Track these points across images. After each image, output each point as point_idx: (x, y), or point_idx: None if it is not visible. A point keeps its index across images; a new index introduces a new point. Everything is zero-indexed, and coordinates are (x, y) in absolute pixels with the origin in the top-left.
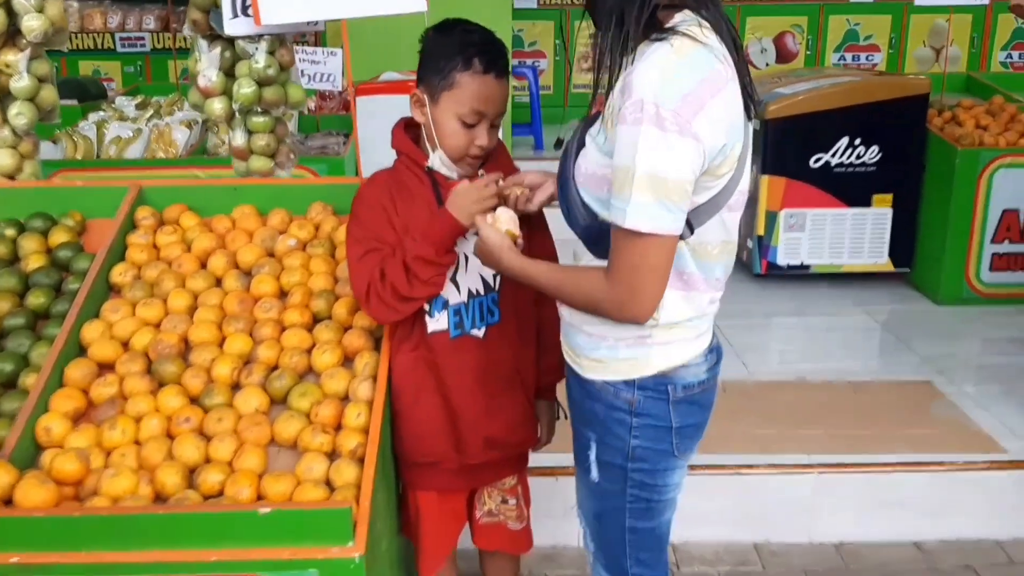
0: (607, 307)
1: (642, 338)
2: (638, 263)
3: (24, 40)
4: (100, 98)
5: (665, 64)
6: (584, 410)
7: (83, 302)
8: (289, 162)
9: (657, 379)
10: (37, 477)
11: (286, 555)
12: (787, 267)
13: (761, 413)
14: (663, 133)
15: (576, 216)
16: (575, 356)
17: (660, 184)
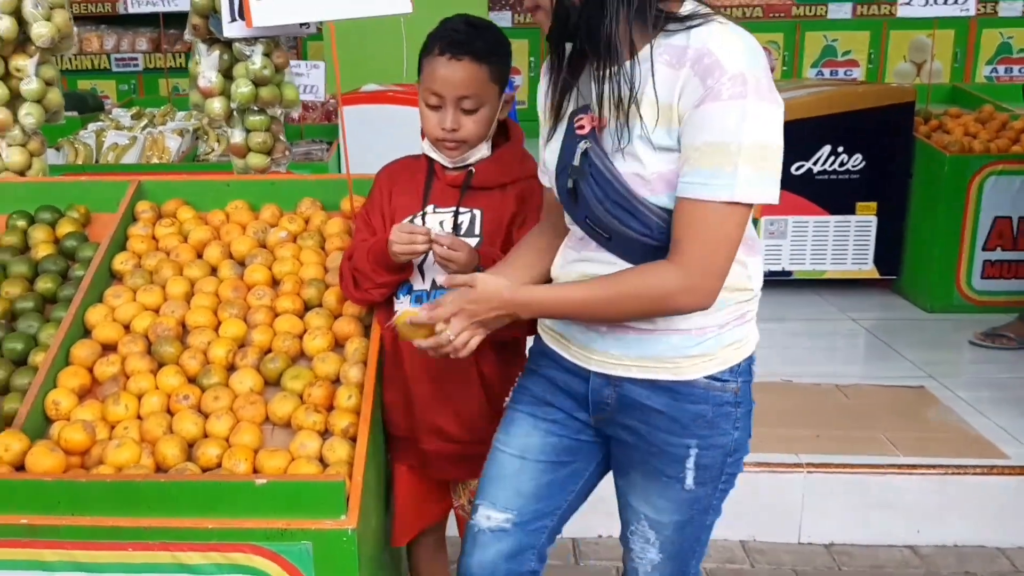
0: (675, 297)
1: (743, 316)
2: (720, 238)
3: (33, 46)
4: (98, 110)
5: (740, 37)
6: (682, 420)
7: (87, 287)
8: (285, 158)
9: (750, 358)
10: (47, 445)
11: (281, 525)
12: (767, 273)
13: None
14: (765, 104)
15: (657, 224)
16: (666, 361)
17: (768, 154)
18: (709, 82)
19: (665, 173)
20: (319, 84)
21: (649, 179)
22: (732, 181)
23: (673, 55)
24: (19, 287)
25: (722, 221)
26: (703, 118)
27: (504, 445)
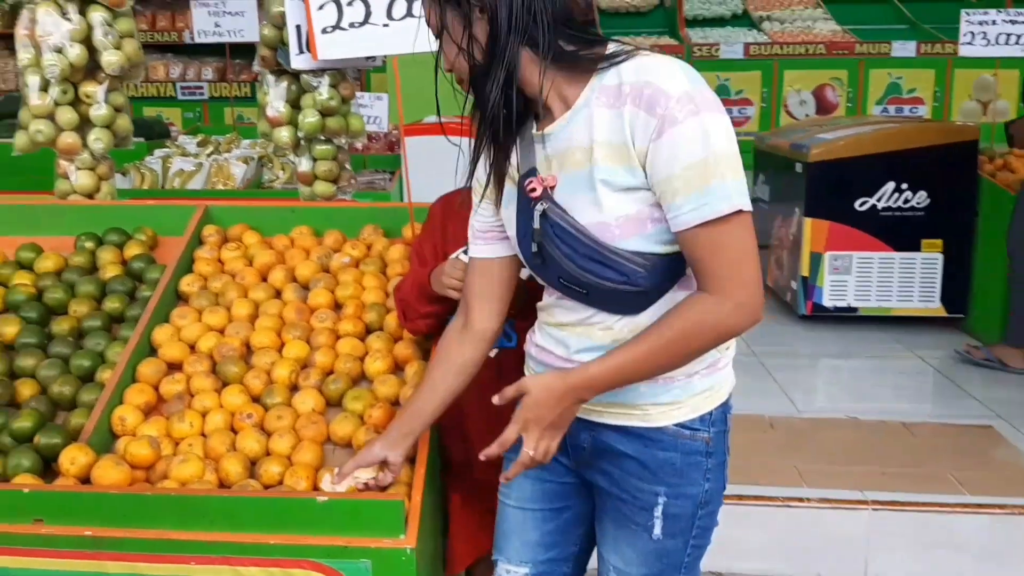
0: (729, 322)
1: (714, 364)
2: (747, 246)
3: (103, 73)
4: (164, 137)
5: (670, 61)
6: (651, 464)
7: (154, 308)
8: (351, 186)
9: (723, 407)
10: (113, 460)
11: (341, 543)
12: (833, 309)
13: (810, 449)
14: (717, 115)
15: (633, 271)
16: (632, 408)
17: (737, 161)
18: (658, 111)
19: (632, 215)
20: (382, 115)
21: (614, 224)
22: (727, 192)
23: (609, 95)
24: (87, 306)
25: (735, 234)
26: (670, 146)
27: (506, 497)
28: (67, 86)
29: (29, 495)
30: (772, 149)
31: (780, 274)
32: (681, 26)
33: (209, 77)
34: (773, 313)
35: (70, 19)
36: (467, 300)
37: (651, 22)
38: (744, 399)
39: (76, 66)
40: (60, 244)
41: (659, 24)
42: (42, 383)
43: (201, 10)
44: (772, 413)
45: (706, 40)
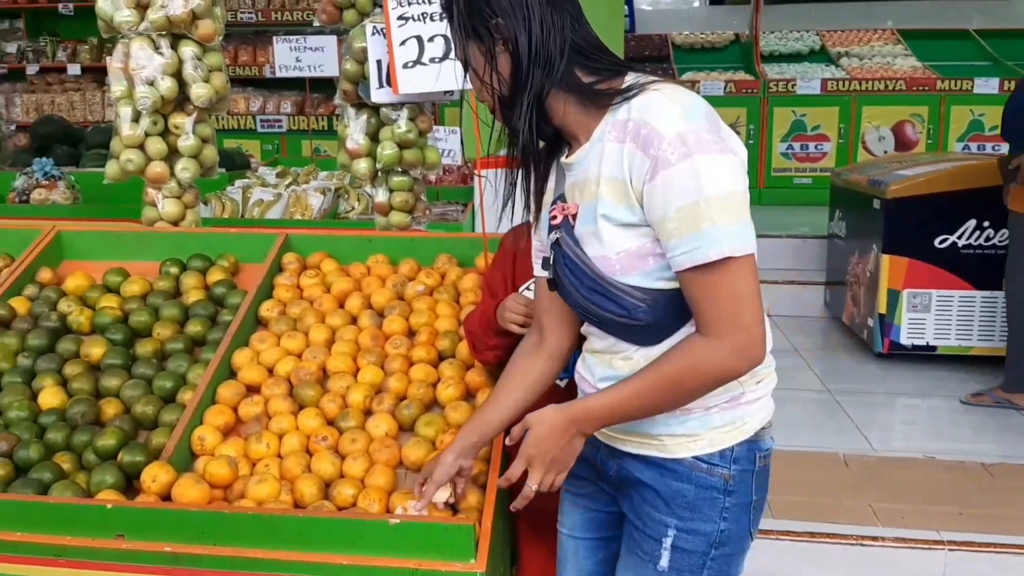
0: (726, 365)
1: (736, 398)
2: (741, 291)
3: (191, 105)
4: (245, 168)
5: (673, 100)
6: (664, 493)
7: (235, 332)
8: (425, 217)
9: (750, 445)
10: (192, 478)
11: (412, 565)
12: (911, 347)
13: (885, 488)
14: (713, 156)
15: (633, 304)
16: (650, 438)
17: (733, 202)
18: (652, 152)
19: (632, 251)
20: (456, 148)
21: (615, 259)
22: (717, 237)
23: (618, 130)
24: (170, 329)
25: (729, 279)
26: (661, 188)
27: (561, 525)
28: (157, 117)
29: (112, 511)
30: (849, 185)
31: (856, 311)
32: (757, 61)
33: (288, 110)
34: (848, 350)
35: (162, 53)
36: (538, 318)
37: (727, 57)
38: (818, 436)
39: (167, 98)
40: (146, 269)
41: (735, 59)
42: (126, 403)
43: (283, 45)
44: (846, 451)
45: (782, 75)
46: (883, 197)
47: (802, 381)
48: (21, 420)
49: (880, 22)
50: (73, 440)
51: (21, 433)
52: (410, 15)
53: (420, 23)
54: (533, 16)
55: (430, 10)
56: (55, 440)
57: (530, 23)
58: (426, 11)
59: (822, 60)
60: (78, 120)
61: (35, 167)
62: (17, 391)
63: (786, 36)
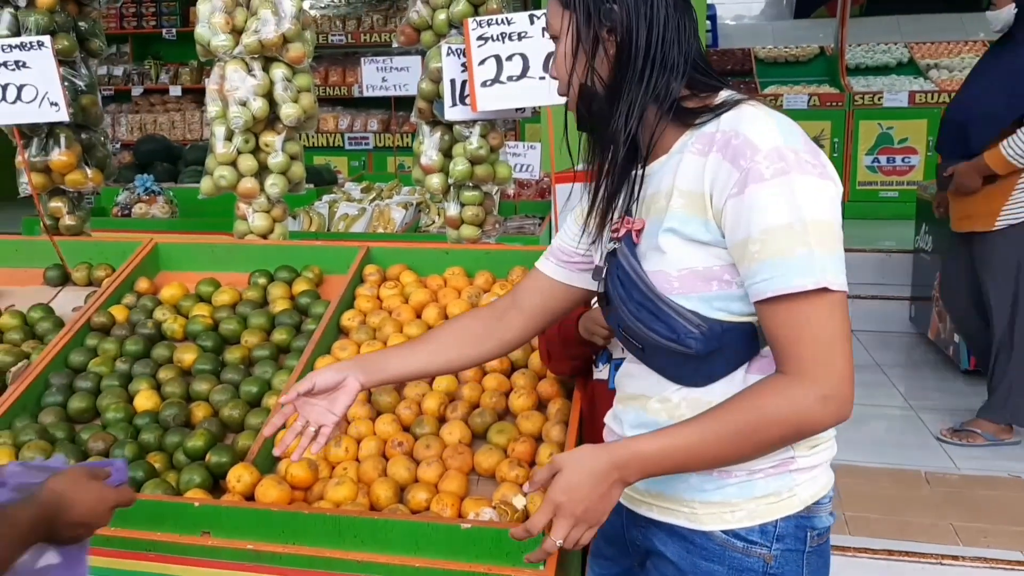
0: (812, 413)
1: (784, 463)
2: (831, 335)
3: (281, 124)
4: (332, 183)
5: (769, 115)
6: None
7: (318, 340)
8: (495, 231)
9: (799, 520)
10: (275, 479)
11: (482, 570)
12: None
13: (968, 507)
14: (812, 178)
15: (684, 328)
16: (679, 504)
17: (831, 233)
18: (743, 163)
19: (698, 270)
20: (534, 163)
21: (675, 276)
22: (811, 264)
23: (703, 142)
24: (257, 337)
25: (823, 314)
26: (751, 204)
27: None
28: (249, 136)
29: (199, 509)
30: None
31: (942, 327)
32: (843, 74)
33: (374, 128)
34: (933, 367)
35: (255, 75)
36: (515, 304)
37: (811, 71)
38: (899, 453)
39: (258, 118)
40: (236, 279)
41: (820, 73)
42: (214, 406)
43: (370, 66)
44: (929, 469)
45: (869, 88)
46: None
47: (885, 398)
48: (118, 421)
49: (971, 34)
50: (165, 441)
51: (117, 433)
52: (489, 35)
53: (499, 43)
54: (657, 15)
55: (508, 30)
56: (148, 440)
57: (652, 21)
58: (504, 31)
59: (910, 72)
60: (178, 138)
61: (137, 183)
62: (115, 394)
63: (873, 49)
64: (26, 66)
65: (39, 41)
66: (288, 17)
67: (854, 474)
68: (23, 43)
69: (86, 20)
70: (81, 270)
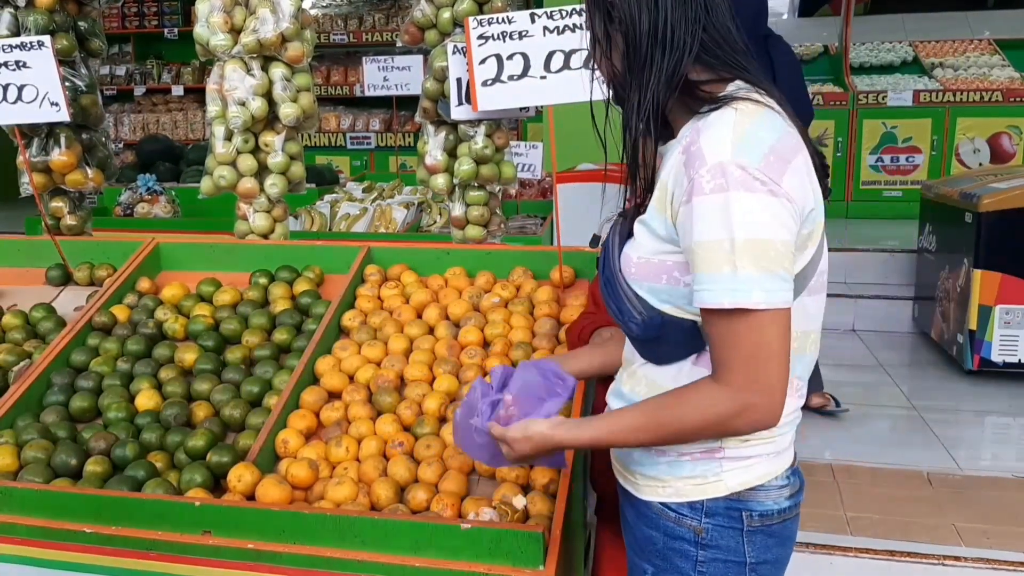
0: (731, 420)
1: (711, 451)
2: (756, 349)
3: (280, 124)
4: (333, 183)
5: (735, 124)
6: (638, 537)
7: (319, 340)
8: (500, 231)
9: (730, 502)
10: (275, 479)
11: (482, 569)
12: (1002, 364)
13: (971, 508)
14: (755, 195)
15: (629, 312)
16: (628, 473)
17: (765, 251)
18: (691, 173)
19: (652, 262)
20: (536, 163)
21: (635, 261)
22: (734, 285)
23: (689, 136)
24: (258, 337)
25: (744, 330)
26: (690, 214)
27: None
28: (248, 136)
29: (200, 508)
30: (940, 198)
31: (945, 327)
32: (846, 73)
33: (376, 128)
34: (936, 367)
35: (254, 75)
36: None
37: (815, 70)
38: (902, 453)
39: (257, 117)
40: (237, 279)
41: (824, 72)
42: (215, 406)
43: (371, 65)
44: (932, 469)
45: (873, 87)
46: (975, 210)
47: (888, 398)
48: (119, 420)
49: (976, 32)
50: (166, 440)
51: (119, 433)
52: (490, 34)
53: (500, 42)
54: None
55: (510, 29)
56: (149, 440)
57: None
58: (505, 30)
59: (915, 71)
60: (180, 138)
61: (139, 183)
62: (116, 393)
63: (877, 47)
64: (26, 66)
65: (39, 41)
66: (287, 16)
67: (856, 474)
68: (23, 43)
69: (86, 20)
70: (83, 270)
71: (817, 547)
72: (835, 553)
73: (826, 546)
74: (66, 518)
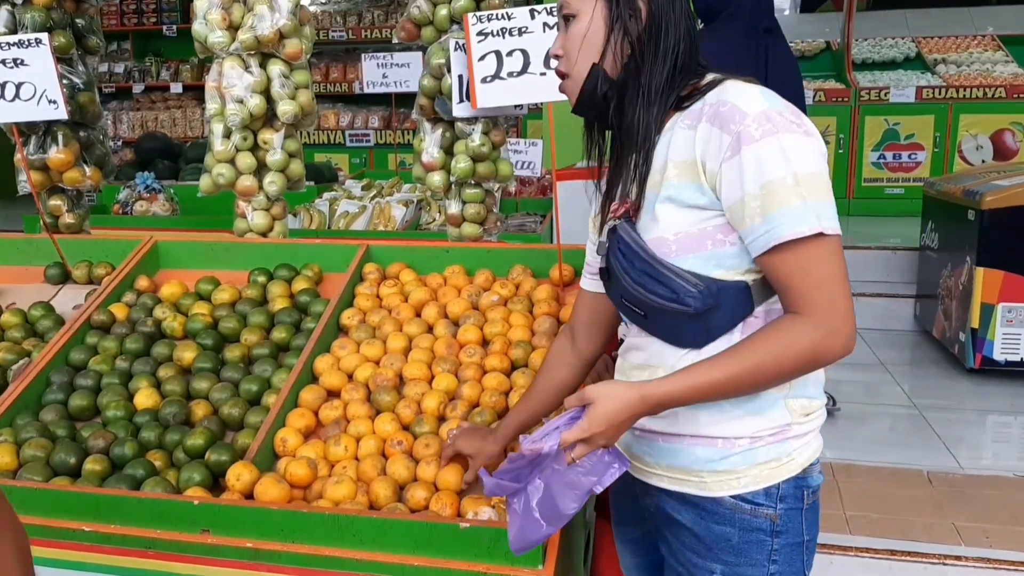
0: (824, 345)
1: (782, 430)
2: (835, 272)
3: (279, 122)
4: (332, 181)
5: (753, 86)
6: (706, 539)
7: (317, 339)
8: (497, 229)
9: (797, 481)
10: (274, 478)
11: (481, 568)
12: (1005, 363)
13: (971, 508)
14: (797, 135)
15: (683, 288)
16: (689, 474)
17: (821, 183)
18: (733, 127)
19: (692, 233)
20: (536, 161)
21: (672, 240)
22: (806, 213)
23: (691, 117)
24: (257, 335)
25: (823, 257)
26: (745, 164)
27: (621, 563)
28: (247, 133)
29: (199, 507)
30: (943, 195)
31: (947, 325)
32: (848, 69)
33: (375, 125)
34: (938, 365)
35: (252, 72)
36: (572, 327)
37: (817, 66)
38: (903, 452)
39: (255, 115)
40: (235, 278)
41: (826, 68)
42: (214, 405)
43: (370, 62)
44: (932, 468)
45: (875, 84)
46: (978, 208)
47: (889, 396)
48: (118, 419)
49: (980, 28)
50: (165, 439)
51: (117, 431)
52: (489, 31)
53: (499, 38)
54: None
55: (509, 25)
56: (148, 439)
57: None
58: (505, 26)
59: (918, 67)
60: (179, 136)
61: (138, 180)
62: (115, 392)
63: (880, 43)
64: (24, 63)
65: (37, 38)
66: (284, 13)
67: (856, 473)
68: (21, 40)
69: (83, 17)
70: (81, 268)
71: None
72: (835, 552)
73: (826, 545)
74: (65, 517)
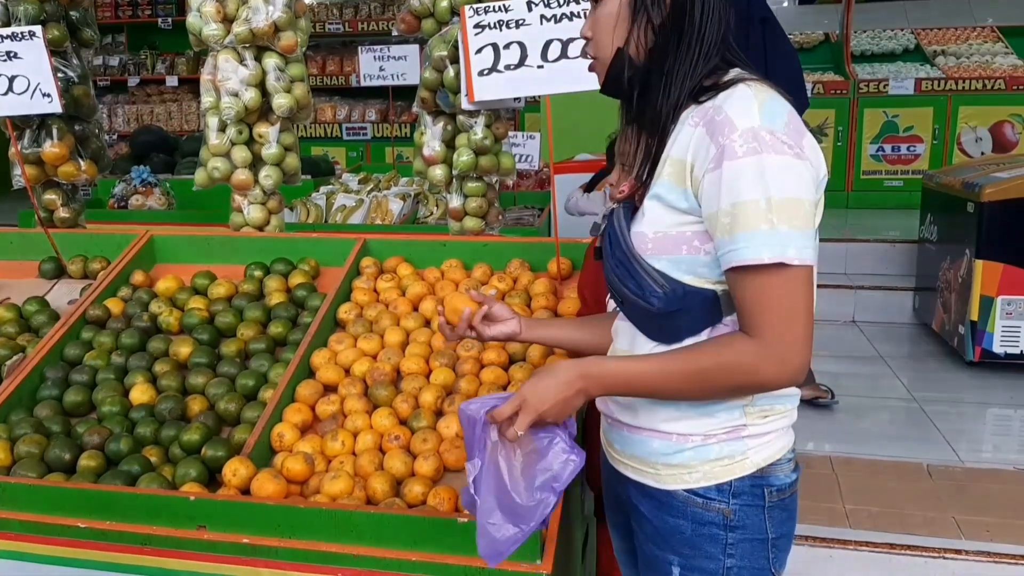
0: (763, 372)
1: (736, 430)
2: (787, 305)
3: (274, 115)
4: (329, 174)
5: (755, 96)
6: (662, 530)
7: (314, 333)
8: (498, 222)
9: (754, 479)
10: (271, 473)
11: (479, 563)
12: (1004, 356)
13: (971, 501)
14: (784, 158)
15: (650, 287)
16: (646, 465)
17: (797, 211)
18: (720, 139)
19: (670, 235)
20: (534, 154)
21: (651, 237)
22: (772, 240)
23: (699, 115)
24: (253, 330)
25: (780, 286)
26: (722, 179)
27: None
28: (242, 127)
29: (195, 503)
30: (942, 188)
31: (946, 318)
32: (847, 61)
33: (372, 119)
34: (937, 358)
35: (247, 65)
36: None
37: (816, 58)
38: (902, 446)
39: (250, 108)
40: (232, 272)
41: (824, 60)
42: (210, 400)
43: (367, 55)
44: (932, 461)
45: (874, 76)
46: (977, 200)
47: (888, 389)
48: (113, 415)
49: (979, 19)
50: (160, 435)
51: (113, 427)
52: (486, 23)
53: (496, 31)
54: None
55: (506, 18)
56: (144, 434)
57: None
58: (502, 19)
59: (917, 59)
60: (175, 129)
61: (133, 174)
62: (110, 387)
63: (879, 35)
64: (18, 56)
65: (31, 31)
66: (279, 5)
67: (855, 467)
68: (14, 33)
69: (77, 9)
70: (76, 263)
71: (816, 540)
72: (834, 546)
73: (825, 539)
74: (60, 513)
